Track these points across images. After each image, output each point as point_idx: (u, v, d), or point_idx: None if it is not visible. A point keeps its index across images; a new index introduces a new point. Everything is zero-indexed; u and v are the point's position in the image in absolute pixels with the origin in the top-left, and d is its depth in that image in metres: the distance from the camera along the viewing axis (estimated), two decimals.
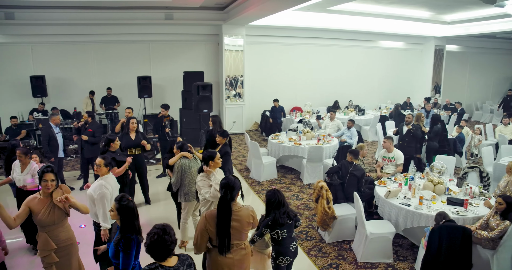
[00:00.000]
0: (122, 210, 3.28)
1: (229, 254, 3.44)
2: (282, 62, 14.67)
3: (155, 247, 2.69)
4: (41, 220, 3.73)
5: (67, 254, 3.90)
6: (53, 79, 12.72)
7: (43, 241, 3.77)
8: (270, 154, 9.16)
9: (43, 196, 3.79)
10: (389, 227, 5.22)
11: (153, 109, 13.41)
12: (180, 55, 13.71)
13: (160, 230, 2.71)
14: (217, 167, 4.59)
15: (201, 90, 8.84)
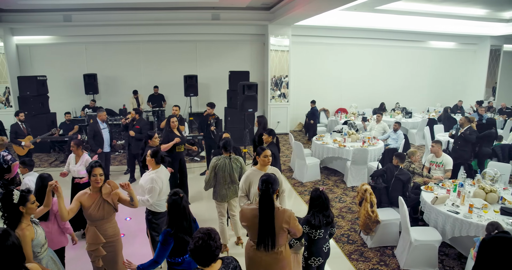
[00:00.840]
0: (171, 204, 3.38)
1: (259, 252, 3.43)
2: (327, 62, 14.52)
3: (200, 252, 2.56)
4: (91, 215, 3.86)
5: (113, 250, 4.03)
6: (104, 77, 13.33)
7: (92, 235, 3.91)
8: (314, 155, 9.11)
9: (92, 191, 3.93)
10: (435, 235, 5.05)
11: (199, 107, 13.70)
12: (226, 55, 13.90)
13: (205, 234, 2.59)
14: (262, 165, 4.59)
15: (246, 90, 8.92)
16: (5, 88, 12.77)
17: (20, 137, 8.28)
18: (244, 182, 4.56)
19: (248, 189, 4.54)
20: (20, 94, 11.52)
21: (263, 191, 3.44)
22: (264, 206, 3.41)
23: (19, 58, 13.26)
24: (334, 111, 14.48)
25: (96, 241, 3.91)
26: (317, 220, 3.83)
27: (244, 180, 4.59)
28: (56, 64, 13.36)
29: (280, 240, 3.45)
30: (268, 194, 3.42)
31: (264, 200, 3.42)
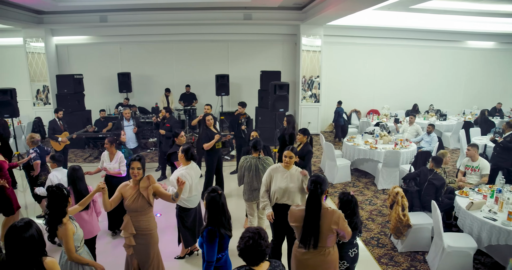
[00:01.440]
0: (209, 201, 3.39)
1: (306, 254, 3.41)
2: (360, 63, 14.30)
3: (250, 251, 2.57)
4: (127, 206, 4.03)
5: (144, 243, 4.10)
6: (138, 76, 13.64)
7: (125, 223, 4.06)
8: (345, 157, 9.01)
9: (132, 184, 4.09)
10: (469, 242, 4.87)
11: (230, 106, 13.79)
12: (258, 55, 13.93)
13: (255, 234, 2.60)
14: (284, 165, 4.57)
15: (278, 89, 8.90)
16: (43, 87, 13.26)
17: (57, 133, 8.57)
18: (266, 177, 4.58)
19: (269, 185, 4.54)
20: (58, 92, 11.94)
21: (311, 191, 3.45)
22: (311, 205, 3.42)
23: (58, 58, 13.76)
24: (366, 112, 14.27)
25: (127, 230, 4.05)
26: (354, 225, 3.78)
27: (266, 175, 4.60)
28: (92, 63, 13.78)
29: (328, 241, 3.43)
30: (316, 194, 3.43)
31: (311, 200, 3.43)
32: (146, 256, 4.14)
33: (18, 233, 2.61)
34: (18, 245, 2.59)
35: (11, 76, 13.33)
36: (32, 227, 2.66)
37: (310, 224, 3.38)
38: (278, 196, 4.47)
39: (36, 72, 13.21)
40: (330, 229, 3.38)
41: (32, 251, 2.64)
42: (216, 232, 3.33)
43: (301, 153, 6.10)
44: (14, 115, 9.18)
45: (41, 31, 12.82)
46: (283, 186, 4.44)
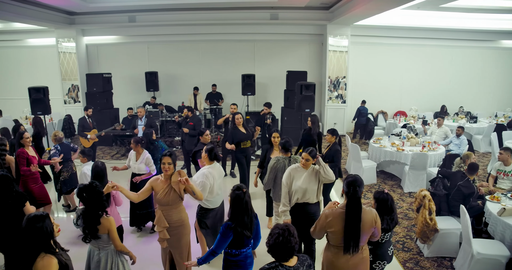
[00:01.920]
0: (233, 198, 3.48)
1: (345, 256, 3.35)
2: (387, 63, 14.06)
3: (279, 248, 2.65)
4: (158, 200, 4.13)
5: (177, 234, 4.22)
6: (165, 75, 13.83)
7: (158, 217, 4.17)
8: (371, 158, 8.89)
9: (164, 178, 4.19)
10: (501, 249, 4.70)
11: (256, 106, 13.80)
12: (284, 55, 13.89)
13: (284, 230, 2.67)
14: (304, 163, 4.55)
15: (304, 90, 8.87)
16: (71, 86, 13.61)
17: (86, 130, 8.78)
18: (287, 178, 4.54)
19: (290, 185, 4.52)
20: (88, 90, 12.25)
21: (352, 194, 3.32)
22: (353, 210, 3.31)
23: (88, 57, 14.12)
24: (393, 113, 14.02)
25: (160, 224, 4.14)
26: (385, 223, 3.71)
27: (287, 176, 4.57)
28: (121, 62, 14.06)
29: (364, 240, 3.42)
30: (356, 198, 3.31)
31: (353, 204, 3.32)
32: (180, 247, 4.27)
33: (30, 221, 2.72)
34: (26, 232, 2.70)
35: (44, 75, 13.72)
36: (46, 221, 2.75)
37: (353, 228, 3.29)
38: (299, 196, 4.47)
39: (67, 71, 13.57)
40: (369, 229, 3.38)
41: (35, 243, 2.71)
42: (232, 229, 3.41)
43: (329, 153, 6.06)
44: (46, 112, 9.47)
45: (72, 31, 13.17)
46: (304, 186, 4.44)
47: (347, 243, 3.31)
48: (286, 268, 2.67)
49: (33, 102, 9.26)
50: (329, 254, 3.48)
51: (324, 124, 13.33)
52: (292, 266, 2.70)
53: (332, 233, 3.40)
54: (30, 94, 9.28)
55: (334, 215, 3.37)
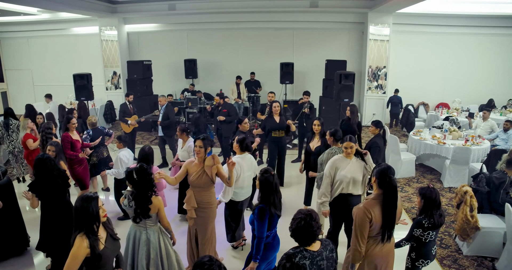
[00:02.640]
0: (262, 181, 3.58)
1: (378, 245, 3.34)
2: (430, 53, 13.51)
3: (302, 232, 2.71)
4: (191, 181, 4.31)
5: (205, 216, 4.39)
6: (203, 63, 13.95)
7: (188, 197, 4.35)
8: (410, 151, 8.66)
9: (197, 161, 4.34)
10: None
11: (294, 95, 13.72)
12: (323, 43, 13.68)
13: (307, 215, 2.72)
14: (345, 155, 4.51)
15: (343, 79, 8.73)
16: (113, 72, 13.98)
17: (127, 116, 9.01)
18: (331, 168, 4.48)
19: (333, 176, 4.46)
20: (128, 77, 12.55)
21: (389, 184, 3.24)
22: (391, 200, 3.25)
23: (129, 45, 14.46)
24: (435, 105, 13.52)
25: (189, 204, 4.31)
26: (436, 220, 3.63)
27: (330, 166, 4.50)
28: (160, 50, 14.31)
29: None
30: (393, 187, 3.25)
31: (391, 194, 3.26)
32: (204, 229, 4.43)
33: (80, 200, 2.85)
34: (74, 209, 2.85)
35: (87, 62, 14.17)
36: (92, 203, 2.85)
37: (391, 218, 3.28)
38: (344, 186, 4.41)
39: (109, 58, 13.95)
40: (399, 216, 3.48)
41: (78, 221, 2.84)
42: (267, 211, 3.52)
43: (367, 144, 5.96)
44: (89, 98, 9.82)
45: (114, 20, 13.50)
46: (349, 175, 4.38)
47: (384, 232, 3.29)
48: (310, 253, 2.72)
49: (77, 88, 9.62)
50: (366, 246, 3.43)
51: (363, 115, 13.07)
52: (315, 251, 2.75)
53: (372, 226, 3.32)
54: (75, 81, 9.65)
55: (371, 207, 3.27)
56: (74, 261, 2.79)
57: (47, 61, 15.22)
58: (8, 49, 15.64)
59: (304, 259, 2.67)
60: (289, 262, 2.65)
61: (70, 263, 2.79)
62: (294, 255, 2.67)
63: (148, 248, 3.67)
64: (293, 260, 2.64)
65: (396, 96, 12.35)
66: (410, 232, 3.73)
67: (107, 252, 2.97)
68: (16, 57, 15.60)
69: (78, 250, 2.79)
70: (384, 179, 3.27)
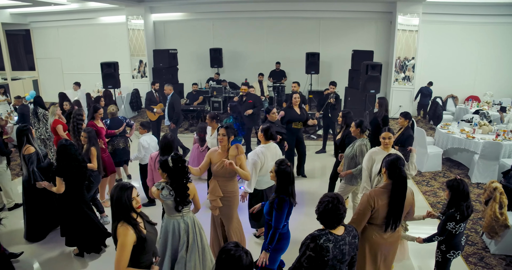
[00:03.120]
0: (279, 173, 3.56)
1: (385, 234, 3.40)
2: (461, 44, 13.04)
3: (329, 214, 2.74)
4: (215, 171, 4.33)
5: (229, 204, 4.42)
6: (229, 52, 13.96)
7: (213, 187, 4.36)
8: (437, 144, 8.47)
9: (221, 150, 4.36)
10: None
11: (319, 85, 13.60)
12: (350, 33, 13.45)
13: (334, 198, 2.75)
14: (383, 146, 4.48)
15: (370, 70, 8.58)
16: (139, 61, 14.13)
17: (153, 104, 9.11)
18: (368, 161, 4.47)
19: (371, 169, 4.44)
20: (154, 65, 12.68)
21: (397, 174, 3.30)
22: (400, 190, 3.31)
23: (155, 34, 14.58)
24: (464, 98, 13.12)
25: (214, 193, 4.33)
26: (465, 211, 3.61)
27: (367, 159, 4.49)
28: (186, 39, 14.39)
29: (403, 217, 3.49)
30: (403, 177, 3.30)
31: (399, 184, 3.31)
32: (230, 217, 4.48)
33: (115, 189, 2.86)
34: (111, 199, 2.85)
35: (114, 51, 14.36)
36: (126, 193, 2.84)
37: (397, 208, 3.32)
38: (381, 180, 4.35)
39: (136, 47, 14.10)
40: (408, 207, 3.48)
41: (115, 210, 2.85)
42: (286, 201, 3.53)
43: (401, 137, 5.83)
44: (116, 86, 9.98)
45: (141, 9, 13.60)
46: None
47: (388, 221, 3.34)
48: (334, 236, 2.75)
49: (105, 76, 9.79)
50: (369, 232, 3.49)
51: (390, 107, 12.82)
52: (339, 235, 2.79)
53: (375, 214, 3.39)
54: (102, 69, 9.81)
55: (377, 195, 3.34)
56: (125, 251, 2.76)
57: (76, 50, 15.51)
58: (39, 38, 16.01)
59: (328, 242, 2.71)
60: (313, 242, 2.69)
61: (121, 253, 2.75)
62: (319, 236, 2.72)
63: (188, 235, 3.69)
64: (317, 241, 2.69)
65: (427, 88, 12.09)
66: (443, 226, 3.67)
67: (151, 237, 2.99)
68: (46, 46, 15.97)
69: (125, 238, 2.77)
70: (394, 170, 3.31)
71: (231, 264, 2.21)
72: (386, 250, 3.49)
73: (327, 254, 2.68)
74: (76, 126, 6.15)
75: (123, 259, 2.74)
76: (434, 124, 11.48)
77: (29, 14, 15.04)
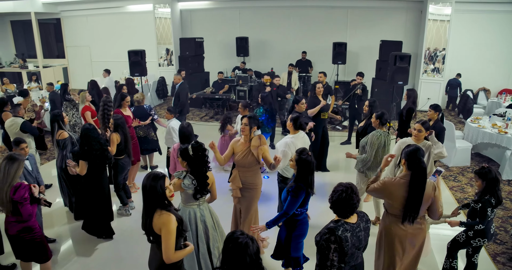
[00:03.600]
0: (300, 162, 3.55)
1: (405, 226, 3.38)
2: (497, 34, 12.48)
3: (342, 204, 2.74)
4: (236, 161, 4.34)
5: (249, 196, 4.40)
6: (255, 41, 13.91)
7: (233, 176, 4.38)
8: (466, 139, 8.25)
9: (244, 140, 4.36)
10: None
11: (346, 76, 13.39)
12: (378, 23, 13.16)
13: (348, 188, 2.74)
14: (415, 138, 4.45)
15: (398, 61, 8.41)
16: (165, 49, 14.22)
17: None
18: (396, 151, 4.46)
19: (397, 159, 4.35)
20: (181, 54, 12.75)
21: (416, 165, 3.28)
22: (417, 182, 3.27)
23: (181, 22, 14.63)
24: (497, 92, 12.68)
25: (234, 183, 4.35)
26: (499, 197, 3.63)
27: (396, 148, 4.52)
28: (212, 27, 14.40)
29: (423, 211, 3.43)
30: (423, 168, 3.27)
31: (418, 176, 3.27)
32: (247, 209, 4.46)
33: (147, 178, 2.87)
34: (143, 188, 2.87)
35: (141, 39, 14.47)
36: (159, 182, 2.86)
37: (415, 200, 3.28)
38: None
39: (162, 35, 14.19)
40: (428, 200, 3.36)
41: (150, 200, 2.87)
42: (304, 190, 3.55)
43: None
44: (143, 74, 10.11)
45: None
46: None
47: (406, 213, 3.32)
48: (350, 225, 2.77)
49: (132, 64, 9.91)
50: (388, 222, 3.50)
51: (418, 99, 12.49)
52: (354, 223, 2.81)
53: (391, 202, 3.40)
54: (129, 57, 9.93)
55: (394, 185, 3.35)
56: (172, 237, 2.83)
57: (104, 38, 15.72)
58: (69, 27, 16.29)
59: (346, 232, 2.72)
60: (332, 235, 2.69)
61: (170, 240, 2.82)
62: (337, 228, 2.72)
63: (205, 223, 3.72)
64: (336, 233, 2.69)
65: (456, 79, 11.81)
66: (483, 213, 3.63)
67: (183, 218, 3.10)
68: (76, 34, 16.24)
69: (170, 225, 2.82)
70: (413, 160, 3.29)
71: (238, 252, 2.20)
72: (407, 241, 3.44)
73: (346, 244, 2.70)
74: (106, 113, 6.28)
75: (172, 246, 2.83)
76: (463, 118, 11.15)
77: (60, 4, 15.31)
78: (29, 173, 4.55)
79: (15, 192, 3.58)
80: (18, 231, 3.72)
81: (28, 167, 4.57)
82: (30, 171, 4.61)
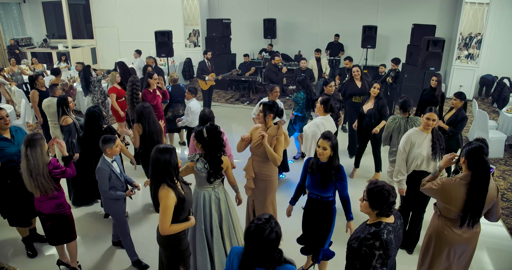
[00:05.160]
0: (336, 145, 3.49)
1: (460, 230, 3.12)
2: None
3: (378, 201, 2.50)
4: (250, 148, 4.16)
5: (263, 188, 4.17)
6: (283, 23, 13.68)
7: (248, 166, 4.19)
8: (500, 129, 7.93)
9: (262, 128, 4.14)
10: None
11: (375, 60, 13.02)
12: (412, 6, 12.67)
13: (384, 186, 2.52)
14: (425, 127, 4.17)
15: (431, 46, 8.08)
16: (192, 30, 14.16)
17: (205, 73, 9.14)
18: (405, 143, 4.16)
19: (408, 151, 4.15)
20: (207, 35, 12.67)
21: (479, 165, 2.95)
22: (479, 183, 2.96)
23: (209, 3, 14.51)
24: None
25: (247, 172, 4.18)
26: None
27: (404, 141, 4.18)
28: (240, 8, 14.21)
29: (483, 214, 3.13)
30: (486, 168, 2.94)
31: (480, 177, 2.95)
32: (262, 201, 4.23)
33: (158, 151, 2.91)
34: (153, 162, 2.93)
35: (168, 20, 14.43)
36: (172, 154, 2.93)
37: (477, 204, 2.99)
38: (419, 163, 4.13)
39: (190, 16, 14.11)
40: (490, 202, 3.06)
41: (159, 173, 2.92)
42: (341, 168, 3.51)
43: (455, 118, 5.49)
44: (170, 54, 10.09)
45: None
46: (425, 153, 4.07)
47: (465, 217, 3.03)
48: (391, 226, 2.54)
49: (159, 45, 9.91)
50: (440, 225, 3.22)
51: (448, 86, 12.11)
52: (393, 222, 2.58)
53: (448, 206, 3.10)
54: (156, 37, 9.91)
55: (454, 187, 3.04)
56: (168, 212, 2.91)
57: (132, 18, 15.73)
58: (98, 7, 16.37)
59: (390, 234, 2.50)
60: (378, 240, 2.44)
61: (165, 215, 2.92)
62: (381, 232, 2.48)
63: (219, 207, 3.66)
64: (381, 237, 2.44)
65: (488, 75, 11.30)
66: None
67: (188, 197, 3.12)
68: (104, 15, 16.31)
69: (168, 200, 2.90)
70: (475, 159, 2.95)
71: (255, 235, 2.10)
72: (461, 248, 3.20)
73: (391, 246, 2.48)
74: (134, 93, 6.33)
75: (167, 220, 2.92)
76: (498, 107, 10.72)
77: None
78: (117, 177, 3.99)
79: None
80: (51, 208, 3.78)
81: (116, 170, 4.00)
82: (119, 174, 4.03)
